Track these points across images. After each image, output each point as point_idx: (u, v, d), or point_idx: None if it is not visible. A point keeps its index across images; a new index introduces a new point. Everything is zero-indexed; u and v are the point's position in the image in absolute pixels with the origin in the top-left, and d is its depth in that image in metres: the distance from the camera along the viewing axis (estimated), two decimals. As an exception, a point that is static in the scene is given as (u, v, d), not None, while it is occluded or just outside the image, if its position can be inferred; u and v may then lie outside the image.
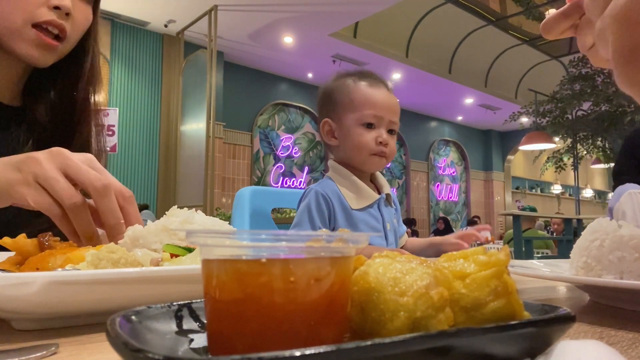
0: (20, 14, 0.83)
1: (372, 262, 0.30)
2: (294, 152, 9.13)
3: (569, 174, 11.11)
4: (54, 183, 0.62)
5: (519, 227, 5.45)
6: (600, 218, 0.64)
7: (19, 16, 0.83)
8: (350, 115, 1.35)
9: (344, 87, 1.38)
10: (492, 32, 8.74)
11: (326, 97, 1.40)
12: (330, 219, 1.31)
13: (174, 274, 0.43)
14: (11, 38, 0.84)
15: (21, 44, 0.85)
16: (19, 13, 0.83)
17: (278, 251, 0.26)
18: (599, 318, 0.49)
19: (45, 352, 0.33)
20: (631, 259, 0.58)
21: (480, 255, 0.30)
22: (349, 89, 1.37)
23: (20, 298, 0.38)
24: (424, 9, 7.94)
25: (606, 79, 7.68)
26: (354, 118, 1.35)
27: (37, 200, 0.62)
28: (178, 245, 0.53)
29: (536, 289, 0.74)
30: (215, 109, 6.06)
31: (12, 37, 0.84)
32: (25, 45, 0.85)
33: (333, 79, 1.43)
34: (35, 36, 0.85)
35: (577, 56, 8.04)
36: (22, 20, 0.83)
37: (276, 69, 8.55)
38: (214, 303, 0.27)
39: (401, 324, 0.26)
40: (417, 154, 11.21)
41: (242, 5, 6.24)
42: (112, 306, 0.40)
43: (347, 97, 1.36)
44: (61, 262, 0.49)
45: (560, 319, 0.29)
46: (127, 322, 0.27)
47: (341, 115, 1.36)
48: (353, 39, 7.66)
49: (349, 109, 1.35)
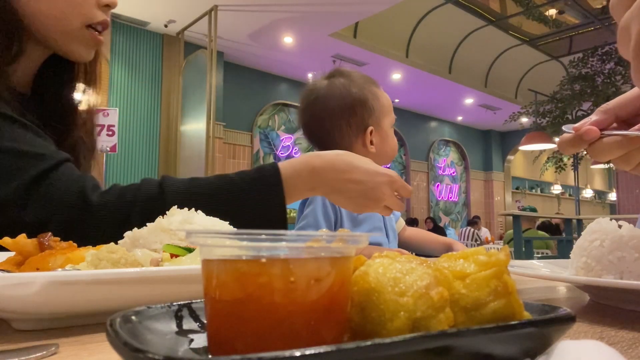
0: (77, 16, 0.84)
1: (372, 262, 0.30)
2: (294, 152, 9.12)
3: (569, 174, 11.11)
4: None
5: (519, 227, 5.45)
6: (600, 218, 0.64)
7: (77, 19, 0.85)
8: (386, 119, 1.36)
9: (372, 92, 1.36)
10: (492, 32, 8.74)
11: (359, 105, 1.34)
12: (337, 224, 1.33)
13: (174, 274, 0.43)
14: (67, 39, 0.86)
15: (76, 44, 0.86)
16: (77, 15, 0.84)
17: (278, 251, 0.26)
18: (599, 318, 0.49)
19: (45, 352, 0.33)
20: (631, 259, 0.58)
21: (480, 255, 0.30)
22: (377, 94, 1.37)
23: (20, 298, 0.38)
24: (424, 9, 7.94)
25: (606, 80, 7.68)
26: (388, 122, 1.37)
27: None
28: (178, 245, 0.53)
29: (536, 289, 0.74)
30: (215, 109, 6.06)
31: (67, 38, 0.86)
32: (79, 45, 0.87)
33: (355, 87, 1.35)
34: (90, 37, 0.87)
35: (577, 56, 8.04)
36: (79, 22, 0.85)
37: (276, 69, 8.54)
38: (214, 303, 0.27)
39: (401, 324, 0.26)
40: (417, 154, 11.20)
41: (242, 5, 6.24)
42: (112, 306, 0.40)
43: (379, 102, 1.36)
44: (61, 262, 0.49)
45: (560, 319, 0.29)
46: (127, 322, 0.27)
47: (380, 121, 1.35)
48: (353, 39, 7.66)
49: (383, 113, 1.36)
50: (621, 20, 0.42)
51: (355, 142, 1.35)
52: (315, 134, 1.40)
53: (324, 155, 0.82)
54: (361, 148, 1.34)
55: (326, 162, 0.81)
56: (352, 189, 0.81)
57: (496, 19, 8.41)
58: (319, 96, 1.36)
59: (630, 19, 0.40)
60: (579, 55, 8.04)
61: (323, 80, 1.39)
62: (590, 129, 0.56)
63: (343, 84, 1.35)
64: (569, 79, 8.04)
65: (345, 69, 1.41)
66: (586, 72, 7.85)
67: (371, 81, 1.39)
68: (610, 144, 0.55)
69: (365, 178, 0.81)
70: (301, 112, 1.42)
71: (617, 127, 0.58)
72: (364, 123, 1.34)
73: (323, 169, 0.81)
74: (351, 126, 1.34)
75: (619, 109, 0.57)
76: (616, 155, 0.56)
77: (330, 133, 1.35)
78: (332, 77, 1.38)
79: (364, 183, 0.81)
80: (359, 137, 1.34)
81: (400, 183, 0.85)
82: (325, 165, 0.81)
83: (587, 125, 0.56)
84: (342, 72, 1.38)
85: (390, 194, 0.84)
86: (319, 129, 1.37)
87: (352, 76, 1.37)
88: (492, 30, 8.70)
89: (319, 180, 0.81)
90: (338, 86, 1.35)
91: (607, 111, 0.58)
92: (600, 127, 0.56)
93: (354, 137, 1.35)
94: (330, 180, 0.81)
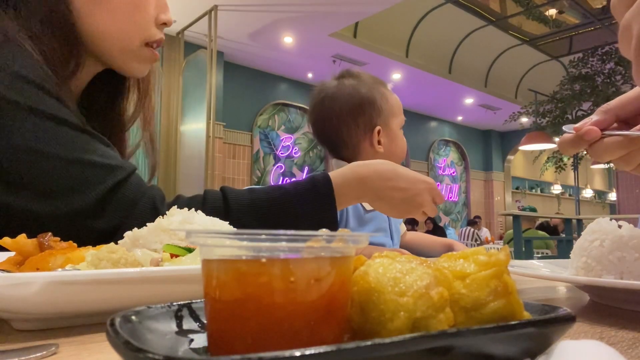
0: (138, 35, 0.86)
1: (372, 262, 0.30)
2: (294, 152, 9.12)
3: (569, 174, 11.11)
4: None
5: (519, 227, 5.45)
6: (600, 218, 0.64)
7: (137, 37, 0.86)
8: (394, 120, 1.37)
9: (381, 93, 1.37)
10: (492, 32, 8.73)
11: (368, 105, 1.35)
12: (341, 223, 1.33)
13: (174, 274, 0.43)
14: (127, 57, 0.87)
15: (135, 62, 0.88)
16: (137, 34, 0.86)
17: (278, 251, 0.26)
18: (599, 318, 0.49)
19: (45, 352, 0.33)
20: (631, 259, 0.58)
21: (480, 255, 0.30)
22: (386, 94, 1.37)
23: (20, 298, 0.38)
24: (424, 9, 7.94)
25: (606, 79, 7.68)
26: (397, 123, 1.38)
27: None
28: (178, 245, 0.53)
29: (536, 289, 0.74)
30: (215, 109, 6.06)
31: (127, 56, 0.87)
32: (139, 62, 0.88)
33: (364, 87, 1.36)
34: (150, 54, 0.88)
35: (577, 56, 8.04)
36: (139, 41, 0.86)
37: (276, 69, 8.54)
38: (214, 303, 0.27)
39: (401, 324, 0.26)
40: (417, 154, 11.20)
41: (242, 5, 6.24)
42: (112, 306, 0.40)
43: (388, 103, 1.36)
44: (61, 262, 0.49)
45: (560, 319, 0.29)
46: (127, 322, 0.27)
47: (388, 121, 1.36)
48: (353, 39, 7.66)
49: (392, 114, 1.37)
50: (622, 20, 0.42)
51: (363, 141, 1.35)
52: (323, 133, 1.41)
53: (370, 164, 0.87)
54: (369, 148, 1.35)
55: (372, 171, 0.85)
56: (396, 197, 0.86)
57: (496, 19, 8.41)
58: (328, 96, 1.38)
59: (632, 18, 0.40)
60: (579, 55, 8.05)
61: (333, 80, 1.41)
62: (591, 129, 0.56)
63: (352, 84, 1.37)
64: (569, 79, 8.04)
65: (355, 70, 1.43)
66: (586, 72, 7.86)
67: (380, 82, 1.40)
68: (611, 144, 0.55)
69: (408, 186, 0.86)
70: (310, 111, 1.44)
71: (618, 127, 0.58)
72: (372, 123, 1.35)
73: (370, 177, 0.85)
74: (359, 126, 1.35)
75: (619, 109, 0.57)
76: (617, 155, 0.56)
77: (338, 132, 1.36)
78: (342, 77, 1.40)
79: (407, 190, 0.86)
80: (366, 136, 1.35)
81: (437, 191, 0.90)
82: (372, 174, 0.85)
83: (588, 126, 0.56)
84: (351, 73, 1.40)
85: (429, 200, 0.89)
86: (328, 128, 1.38)
87: (361, 77, 1.39)
88: (492, 30, 8.69)
89: (365, 189, 0.85)
90: (347, 86, 1.37)
91: (607, 111, 0.58)
92: (601, 127, 0.56)
93: (361, 137, 1.35)
94: (376, 188, 0.85)
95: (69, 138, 0.71)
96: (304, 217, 0.82)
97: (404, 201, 0.86)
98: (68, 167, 0.69)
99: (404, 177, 0.86)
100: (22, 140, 0.67)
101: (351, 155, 1.37)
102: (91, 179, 0.70)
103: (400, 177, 0.86)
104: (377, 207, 0.89)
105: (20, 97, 0.68)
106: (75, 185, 0.69)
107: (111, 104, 0.97)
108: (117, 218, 0.72)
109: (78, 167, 0.70)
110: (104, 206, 0.71)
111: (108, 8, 0.82)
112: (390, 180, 0.85)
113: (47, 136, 0.69)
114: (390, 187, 0.85)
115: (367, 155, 1.36)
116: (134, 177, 0.76)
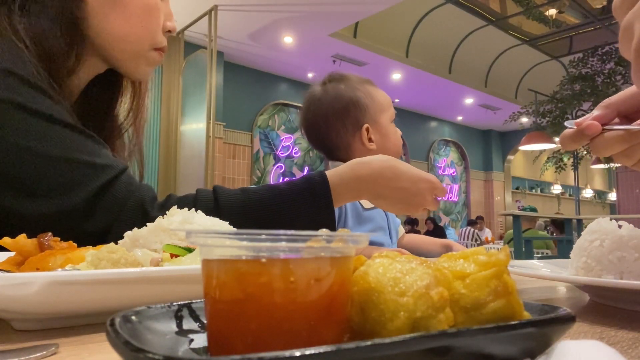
0: (148, 40, 0.88)
1: (372, 262, 0.30)
2: (294, 152, 9.12)
3: (569, 174, 11.10)
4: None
5: (519, 227, 5.45)
6: (600, 218, 0.64)
7: (147, 42, 0.88)
8: (383, 115, 1.37)
9: (365, 91, 1.38)
10: (492, 32, 8.73)
11: (352, 106, 1.36)
12: (340, 221, 1.33)
13: (174, 274, 0.43)
14: (135, 60, 0.89)
15: (143, 65, 0.90)
16: (148, 39, 0.88)
17: (278, 251, 0.26)
18: (599, 318, 0.49)
19: (45, 352, 0.33)
20: (631, 259, 0.58)
21: (480, 255, 0.30)
22: (371, 92, 1.38)
23: (20, 298, 0.38)
24: (424, 9, 7.94)
25: (606, 80, 7.67)
26: (387, 117, 1.38)
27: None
28: (178, 245, 0.53)
29: (536, 289, 0.74)
30: (215, 109, 6.05)
31: (136, 59, 0.89)
32: (145, 65, 0.90)
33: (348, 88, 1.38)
34: (159, 58, 0.91)
35: (577, 56, 8.04)
36: (149, 45, 0.88)
37: (276, 69, 8.54)
38: (214, 303, 0.27)
39: (401, 324, 0.26)
40: (417, 154, 11.20)
41: (242, 5, 6.24)
42: (112, 306, 0.40)
43: (373, 100, 1.37)
44: (61, 262, 0.49)
45: (560, 319, 0.29)
46: (127, 322, 0.27)
47: (376, 117, 1.37)
48: (353, 39, 7.66)
49: (379, 109, 1.37)
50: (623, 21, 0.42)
51: (353, 141, 1.37)
52: (316, 139, 1.44)
53: (371, 163, 0.85)
54: (361, 147, 1.35)
55: (373, 170, 0.84)
56: (397, 196, 0.85)
57: (496, 19, 8.41)
58: (314, 102, 1.41)
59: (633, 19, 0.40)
60: (579, 55, 8.04)
61: (318, 86, 1.43)
62: (592, 123, 0.56)
63: (335, 88, 1.39)
64: (569, 79, 8.04)
65: (341, 72, 1.44)
66: (586, 72, 7.85)
67: (366, 81, 1.41)
68: (612, 138, 0.55)
69: (409, 185, 0.85)
70: (301, 120, 1.47)
71: (619, 122, 0.58)
72: (359, 122, 1.36)
73: (370, 177, 0.84)
74: (347, 127, 1.37)
75: (620, 104, 0.57)
76: (618, 150, 0.56)
77: (329, 136, 1.38)
78: (326, 82, 1.42)
79: (408, 190, 0.85)
80: (356, 136, 1.37)
81: (440, 188, 0.89)
82: (372, 173, 0.84)
83: (589, 120, 0.56)
84: (335, 77, 1.42)
85: (431, 199, 0.88)
86: (318, 134, 1.41)
87: (345, 79, 1.40)
88: (492, 30, 8.69)
89: (364, 188, 0.85)
90: (331, 90, 1.39)
91: (608, 106, 0.57)
92: (602, 122, 0.56)
93: (351, 137, 1.37)
94: (376, 187, 0.85)
95: (59, 136, 0.70)
96: (298, 218, 0.81)
97: (405, 200, 0.86)
98: (56, 166, 0.68)
99: (404, 176, 0.85)
100: (10, 138, 0.66)
101: (345, 156, 1.38)
102: (80, 179, 0.69)
103: (401, 176, 0.85)
104: (378, 204, 0.88)
105: (10, 94, 0.68)
106: (64, 184, 0.68)
107: (107, 108, 0.97)
108: (106, 219, 0.70)
109: (67, 165, 0.69)
110: (93, 206, 0.70)
111: (124, 13, 0.84)
112: (390, 179, 0.84)
113: (37, 134, 0.68)
114: (390, 187, 0.84)
115: (360, 154, 1.36)
116: (124, 177, 0.75)
